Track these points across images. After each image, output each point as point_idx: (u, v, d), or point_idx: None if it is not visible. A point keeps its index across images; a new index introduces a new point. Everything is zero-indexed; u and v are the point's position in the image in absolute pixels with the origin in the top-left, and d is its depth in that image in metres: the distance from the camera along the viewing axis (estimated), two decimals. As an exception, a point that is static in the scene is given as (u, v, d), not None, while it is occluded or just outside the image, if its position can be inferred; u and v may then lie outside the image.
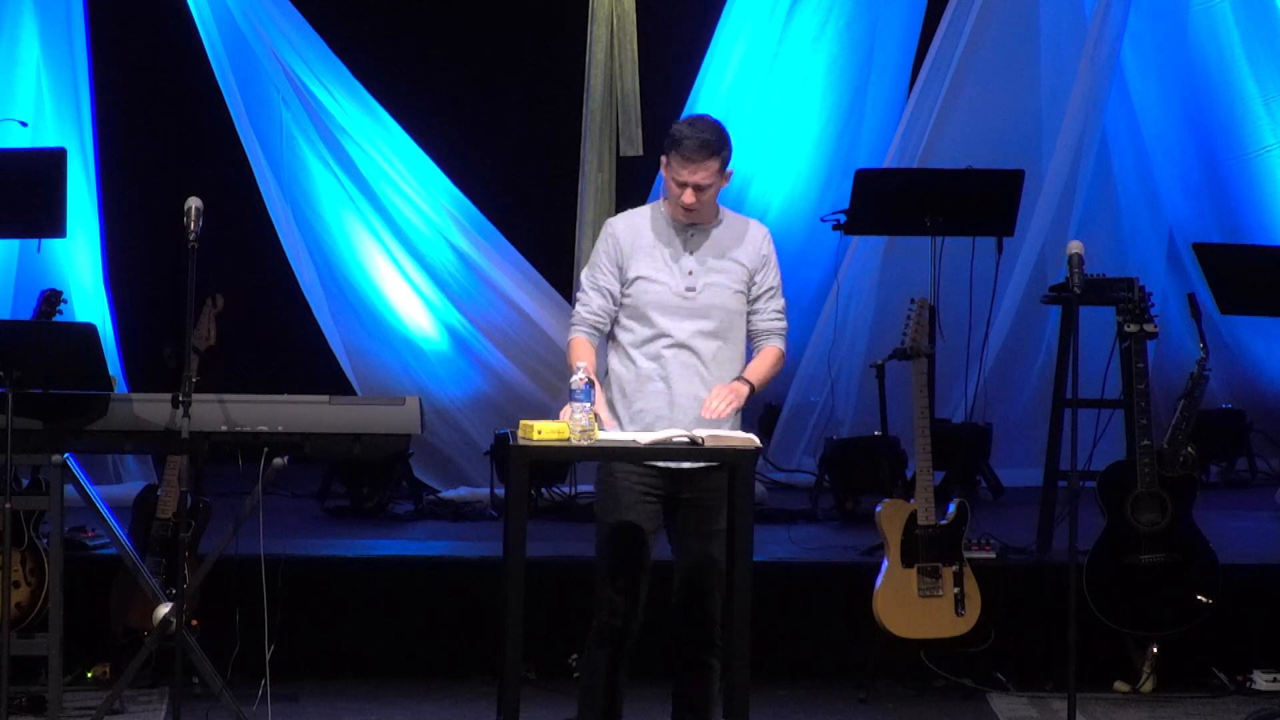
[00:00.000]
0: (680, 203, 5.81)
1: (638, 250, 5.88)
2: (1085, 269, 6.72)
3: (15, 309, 8.98)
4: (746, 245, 5.92)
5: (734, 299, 5.88)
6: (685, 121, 5.85)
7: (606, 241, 5.92)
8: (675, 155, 5.79)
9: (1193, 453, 7.67)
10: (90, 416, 6.36)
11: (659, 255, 5.87)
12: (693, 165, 5.77)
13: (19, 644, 6.52)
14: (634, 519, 5.82)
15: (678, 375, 5.83)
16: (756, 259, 5.92)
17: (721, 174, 5.84)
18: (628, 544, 5.82)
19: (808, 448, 9.90)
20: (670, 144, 5.81)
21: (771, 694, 7.30)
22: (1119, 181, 10.18)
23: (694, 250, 5.88)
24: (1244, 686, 7.46)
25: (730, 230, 5.93)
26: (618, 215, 6.04)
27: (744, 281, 5.89)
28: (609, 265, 5.90)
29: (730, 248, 5.89)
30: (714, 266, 5.87)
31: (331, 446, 6.47)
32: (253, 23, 9.33)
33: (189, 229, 6.25)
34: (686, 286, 5.84)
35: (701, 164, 5.77)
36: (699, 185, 5.79)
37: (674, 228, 5.90)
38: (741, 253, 5.90)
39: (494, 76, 10.48)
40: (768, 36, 10.15)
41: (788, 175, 10.31)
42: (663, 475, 5.84)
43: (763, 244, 5.94)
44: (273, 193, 9.37)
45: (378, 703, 7.26)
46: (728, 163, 5.85)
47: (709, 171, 5.78)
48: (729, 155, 5.85)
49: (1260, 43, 10.03)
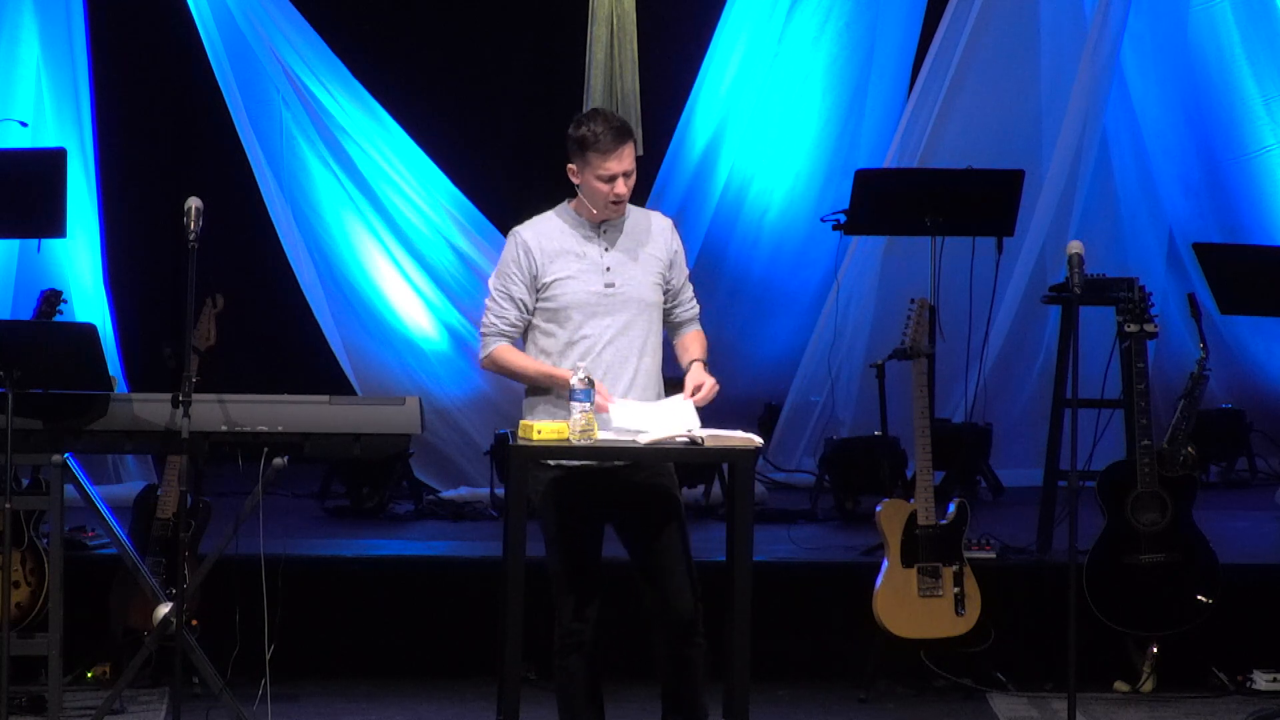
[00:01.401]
0: (613, 196, 5.82)
1: (551, 254, 5.88)
2: (1085, 269, 6.72)
3: (15, 309, 8.98)
4: (657, 238, 5.95)
5: (653, 291, 5.92)
6: (585, 118, 5.86)
7: (515, 250, 5.92)
8: (594, 153, 5.79)
9: (1193, 453, 7.67)
10: (90, 416, 6.36)
11: (575, 255, 5.87)
12: (617, 154, 5.80)
13: (19, 644, 6.52)
14: (575, 520, 5.80)
15: (605, 372, 5.81)
16: (669, 251, 5.97)
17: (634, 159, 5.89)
18: (577, 546, 5.81)
19: (808, 448, 9.90)
20: (583, 145, 5.80)
21: (771, 694, 7.30)
22: (1119, 181, 10.18)
23: (609, 246, 5.89)
24: (1244, 686, 7.45)
25: (638, 224, 5.95)
26: (523, 224, 6.02)
27: (659, 273, 5.93)
28: (520, 274, 5.89)
29: (643, 241, 5.92)
30: (630, 261, 5.89)
31: (331, 446, 6.47)
32: (253, 23, 9.33)
33: (189, 229, 6.25)
34: (606, 283, 5.84)
35: (623, 149, 5.80)
36: (628, 172, 5.83)
37: (585, 227, 5.90)
38: (654, 246, 5.94)
39: (494, 76, 10.48)
40: (768, 36, 10.16)
41: (788, 175, 10.32)
42: (599, 472, 5.81)
43: (671, 237, 5.99)
44: (273, 193, 9.37)
45: (378, 703, 7.26)
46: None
47: (630, 155, 5.83)
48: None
49: (1260, 43, 10.03)
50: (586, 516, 5.83)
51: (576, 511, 5.81)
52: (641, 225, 5.95)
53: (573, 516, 5.81)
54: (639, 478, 5.84)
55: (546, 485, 5.81)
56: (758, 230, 10.38)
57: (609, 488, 5.83)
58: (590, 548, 5.85)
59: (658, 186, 10.24)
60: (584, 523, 5.83)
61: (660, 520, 5.84)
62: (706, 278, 10.37)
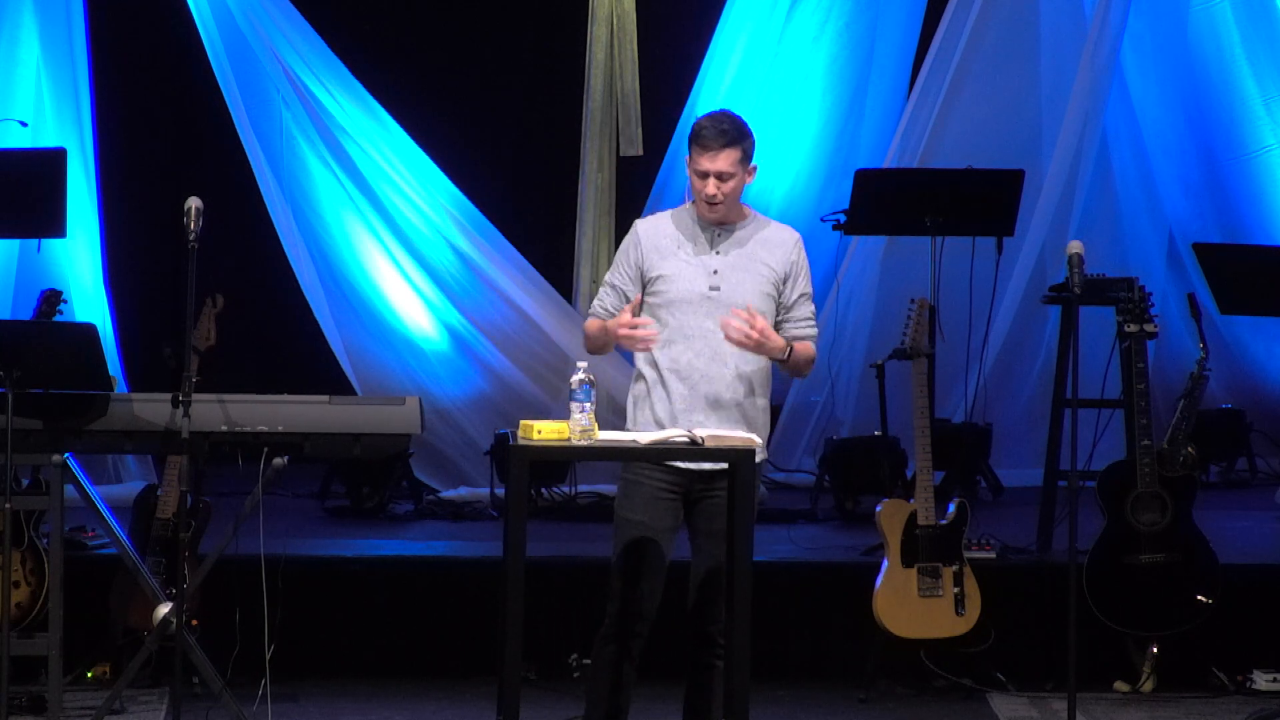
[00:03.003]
0: (704, 195, 5.80)
1: (660, 249, 5.85)
2: (1085, 269, 6.72)
3: (15, 309, 8.98)
4: (776, 249, 5.88)
5: (760, 299, 5.81)
6: (707, 115, 5.89)
7: (629, 241, 5.92)
8: (695, 147, 5.80)
9: (1193, 453, 7.67)
10: (90, 416, 6.36)
11: (682, 253, 5.85)
12: (711, 153, 5.78)
13: (19, 644, 6.52)
14: (646, 517, 5.81)
15: (702, 372, 5.79)
16: (786, 264, 5.87)
17: (744, 166, 5.84)
18: (640, 541, 5.81)
19: (808, 448, 9.90)
20: (691, 138, 5.82)
21: (771, 694, 7.30)
22: (1119, 181, 10.18)
23: (719, 249, 5.85)
24: (1244, 686, 7.46)
25: (759, 231, 5.90)
26: (646, 217, 6.01)
27: (773, 284, 5.84)
28: (627, 265, 5.89)
29: (758, 248, 5.86)
30: (739, 265, 5.83)
31: (331, 446, 6.47)
32: (253, 23, 9.33)
33: (189, 229, 6.25)
34: (710, 285, 5.81)
35: (720, 152, 5.77)
36: (720, 174, 5.78)
37: (699, 227, 5.87)
38: (771, 255, 5.86)
39: (494, 76, 10.48)
40: (768, 36, 10.16)
41: (788, 175, 10.31)
42: (681, 474, 5.81)
43: (793, 249, 5.89)
44: (273, 193, 9.37)
45: (378, 703, 7.26)
46: (750, 156, 5.86)
47: (729, 160, 5.78)
48: (751, 148, 5.87)
49: (1260, 43, 10.03)
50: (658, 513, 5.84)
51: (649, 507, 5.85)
52: (762, 234, 5.88)
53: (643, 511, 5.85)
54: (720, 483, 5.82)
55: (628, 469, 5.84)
56: (758, 230, 10.36)
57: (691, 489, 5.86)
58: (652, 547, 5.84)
59: (657, 186, 10.24)
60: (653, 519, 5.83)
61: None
62: (706, 278, 10.37)
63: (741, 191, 5.88)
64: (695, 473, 5.81)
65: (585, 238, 9.55)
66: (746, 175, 5.87)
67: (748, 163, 5.86)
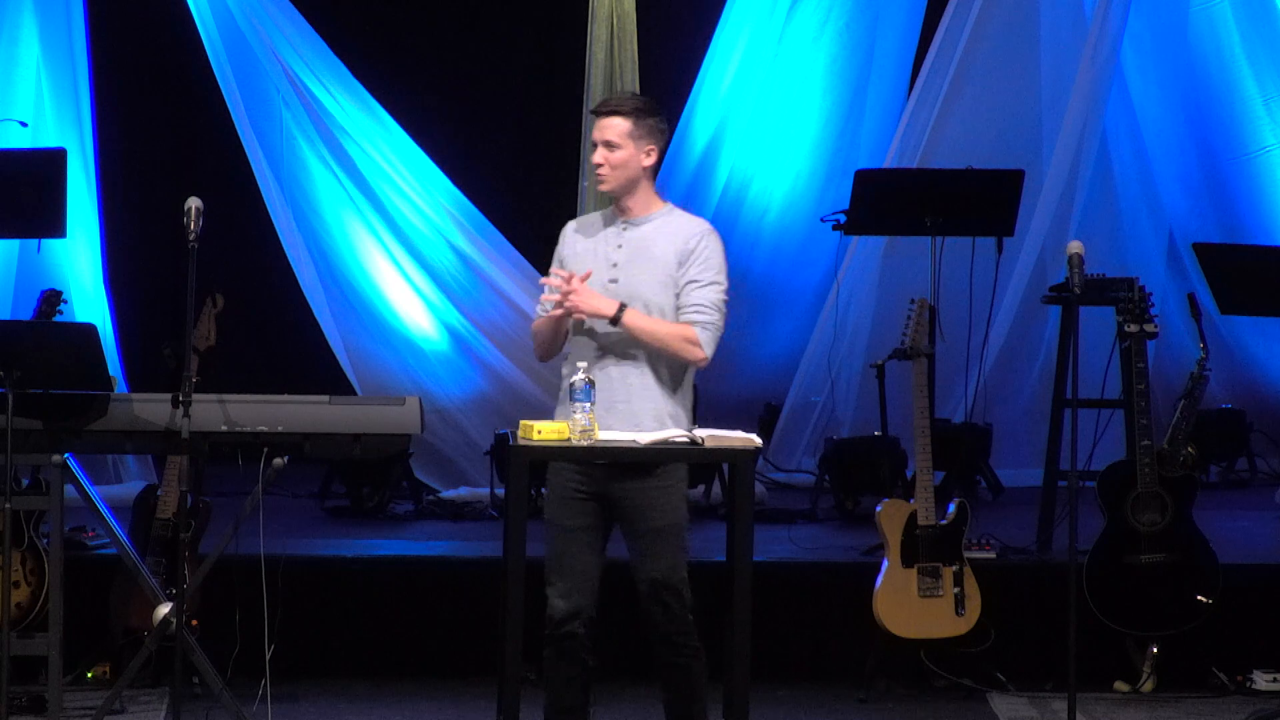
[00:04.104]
0: (590, 163, 5.83)
1: (577, 244, 5.88)
2: (1085, 269, 6.72)
3: (15, 309, 8.98)
4: (676, 238, 5.80)
5: (657, 289, 5.76)
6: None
7: (560, 239, 5.97)
8: (595, 116, 5.83)
9: (1193, 453, 7.69)
10: (90, 416, 6.36)
11: (592, 248, 5.85)
12: (598, 122, 5.79)
13: (19, 644, 6.51)
14: (559, 516, 5.78)
15: (605, 367, 5.77)
16: (682, 252, 5.77)
17: (638, 144, 5.78)
18: (563, 543, 5.78)
19: (808, 448, 9.90)
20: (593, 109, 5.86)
21: (771, 694, 7.30)
22: (1119, 181, 10.18)
23: (622, 241, 5.83)
24: (1244, 686, 7.45)
25: (666, 224, 5.84)
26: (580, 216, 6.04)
27: (668, 274, 5.77)
28: (556, 263, 5.92)
29: (659, 239, 5.80)
30: (637, 257, 5.79)
31: (331, 446, 6.47)
32: (253, 23, 9.33)
33: (189, 229, 6.25)
34: (610, 278, 5.79)
35: (606, 120, 5.77)
36: (608, 144, 5.76)
37: (613, 224, 5.87)
38: (669, 244, 5.79)
39: (494, 76, 10.48)
40: (768, 36, 10.16)
41: (788, 175, 10.32)
42: (593, 473, 5.76)
43: (693, 238, 5.79)
44: (273, 193, 9.37)
45: (378, 703, 7.26)
46: (649, 137, 5.78)
47: (617, 131, 5.75)
48: (650, 131, 5.79)
49: (1260, 43, 10.03)
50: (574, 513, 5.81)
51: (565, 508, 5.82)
52: (669, 225, 5.83)
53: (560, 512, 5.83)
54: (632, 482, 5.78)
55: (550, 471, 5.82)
56: (758, 230, 10.38)
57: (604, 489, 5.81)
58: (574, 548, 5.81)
59: (657, 187, 10.18)
60: (569, 520, 5.81)
61: (648, 531, 5.79)
62: (706, 278, 10.37)
63: (636, 170, 5.80)
64: (606, 471, 5.75)
65: (585, 238, 9.54)
66: (643, 155, 5.80)
67: (644, 142, 5.79)
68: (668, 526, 5.77)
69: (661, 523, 5.76)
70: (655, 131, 5.82)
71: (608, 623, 7.59)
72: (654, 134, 5.82)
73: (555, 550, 5.80)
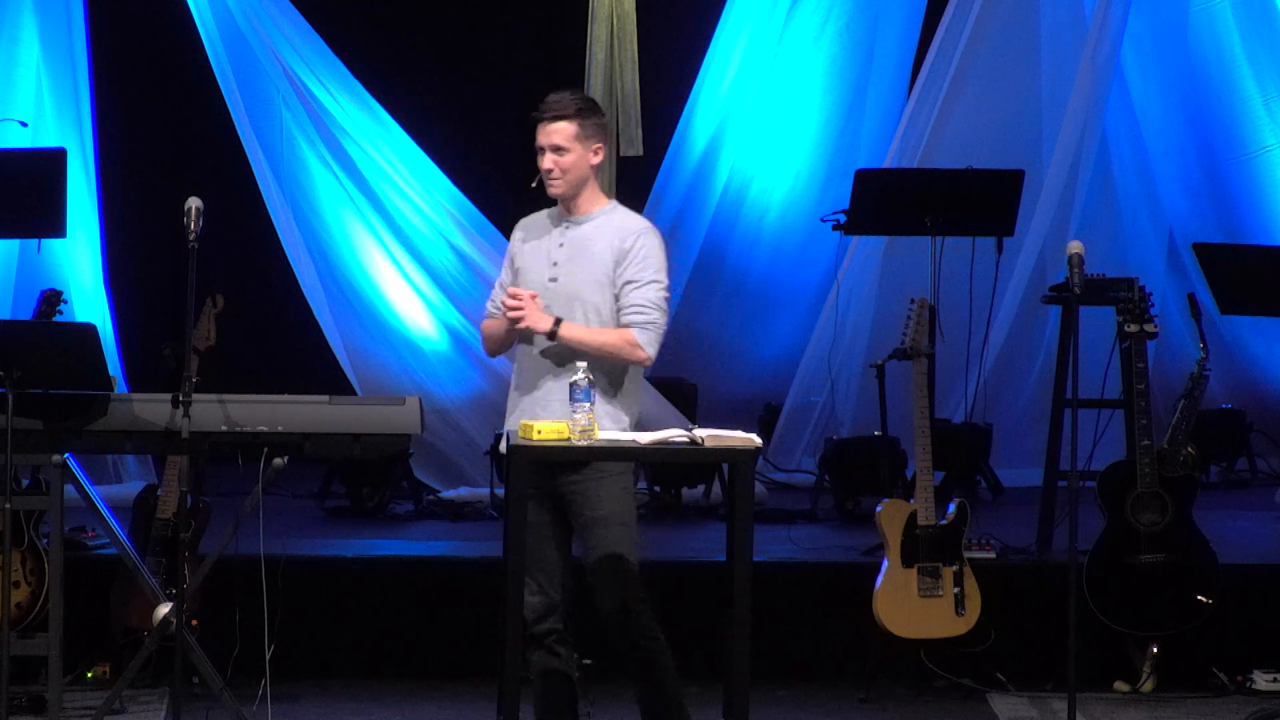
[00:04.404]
0: (541, 169, 5.83)
1: (524, 243, 5.93)
2: (1085, 269, 6.72)
3: (15, 309, 8.98)
4: (614, 236, 5.81)
5: (594, 288, 5.79)
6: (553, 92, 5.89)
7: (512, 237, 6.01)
8: (537, 122, 5.82)
9: (1193, 453, 7.67)
10: (90, 416, 6.36)
11: (536, 247, 5.89)
12: (545, 127, 5.80)
13: (19, 644, 6.51)
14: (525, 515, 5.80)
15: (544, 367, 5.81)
16: (619, 251, 5.78)
17: (585, 144, 5.80)
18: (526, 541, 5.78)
19: (808, 448, 9.90)
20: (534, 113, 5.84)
21: (771, 694, 7.30)
22: (1119, 181, 10.18)
23: (564, 239, 5.85)
24: (1244, 686, 7.45)
25: (607, 223, 5.85)
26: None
27: (605, 273, 5.79)
28: (506, 260, 5.98)
29: (598, 237, 5.82)
30: (576, 255, 5.81)
31: (331, 446, 6.47)
32: (253, 23, 9.33)
33: (189, 229, 6.25)
34: (550, 276, 5.81)
35: (553, 124, 5.78)
36: (556, 148, 5.78)
37: (559, 219, 5.89)
38: (608, 243, 5.80)
39: (494, 76, 10.48)
40: (768, 36, 10.16)
41: (788, 175, 10.32)
42: (541, 472, 5.80)
43: (630, 237, 5.80)
44: (273, 193, 9.37)
45: (378, 703, 7.27)
46: (594, 136, 5.81)
47: (564, 135, 5.78)
48: (594, 129, 5.82)
49: (1260, 43, 10.03)
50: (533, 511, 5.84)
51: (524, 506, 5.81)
52: (609, 224, 5.84)
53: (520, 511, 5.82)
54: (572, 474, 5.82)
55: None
56: (758, 230, 10.38)
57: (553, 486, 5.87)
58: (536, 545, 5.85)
59: (658, 186, 10.24)
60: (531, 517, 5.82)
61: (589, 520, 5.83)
62: (706, 278, 10.38)
63: (585, 170, 5.83)
64: (549, 470, 5.81)
65: (585, 238, 9.53)
66: (590, 155, 5.83)
67: (591, 141, 5.81)
68: (606, 515, 5.80)
69: (600, 511, 5.80)
70: (600, 129, 5.87)
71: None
72: (599, 132, 5.86)
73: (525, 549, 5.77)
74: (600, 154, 5.86)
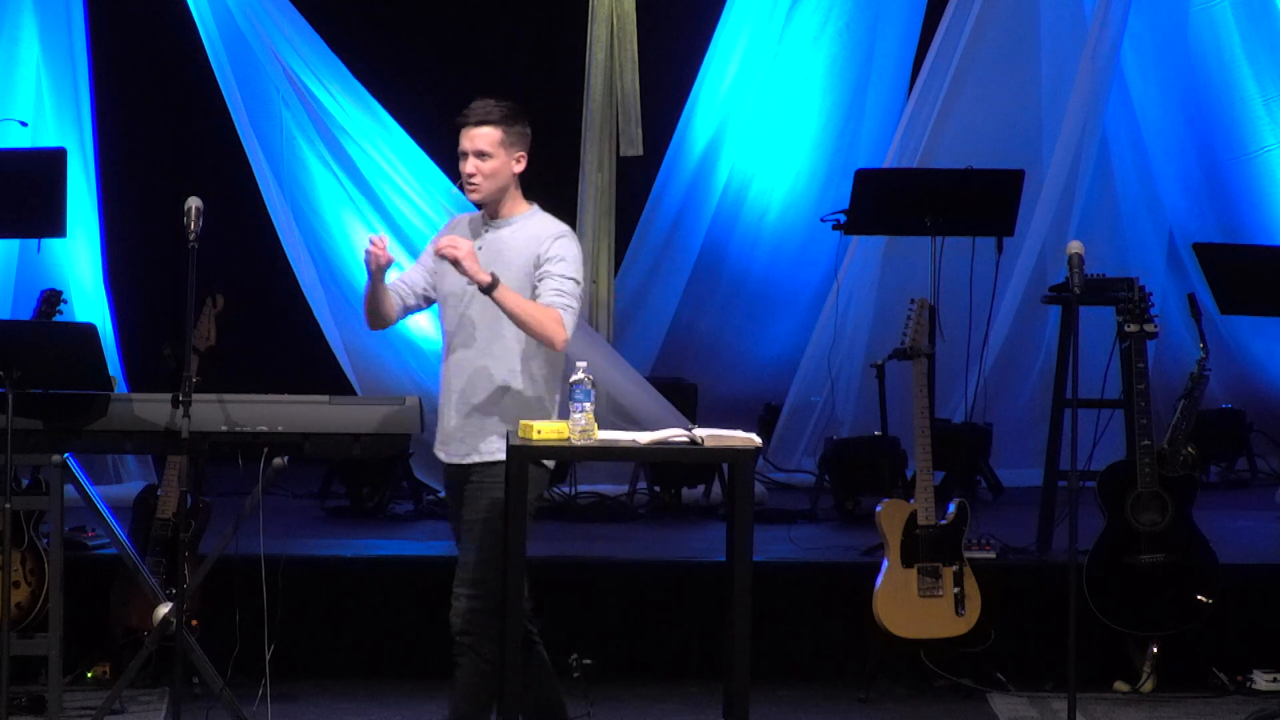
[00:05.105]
0: (462, 174, 5.85)
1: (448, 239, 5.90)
2: (1085, 269, 6.72)
3: (15, 309, 8.98)
4: (531, 241, 5.84)
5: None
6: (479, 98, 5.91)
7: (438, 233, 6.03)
8: (461, 127, 5.86)
9: (1193, 453, 7.67)
10: (90, 416, 6.36)
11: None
12: (469, 132, 5.85)
13: (19, 644, 6.52)
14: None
15: (459, 366, 5.84)
16: (537, 254, 5.80)
17: (509, 151, 5.84)
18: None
19: (808, 448, 9.89)
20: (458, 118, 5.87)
21: (771, 694, 7.30)
22: (1119, 181, 10.18)
23: (482, 244, 5.86)
24: (1244, 686, 7.45)
25: (525, 227, 5.87)
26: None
27: (525, 275, 5.79)
28: (430, 247, 5.99)
29: (515, 241, 5.84)
30: (494, 260, 5.80)
31: (331, 446, 6.47)
32: (253, 23, 9.32)
33: (189, 229, 6.25)
34: (468, 280, 5.79)
35: (476, 129, 5.83)
36: (479, 153, 5.82)
37: (480, 223, 5.93)
38: (525, 247, 5.82)
39: (494, 76, 10.47)
40: (768, 36, 10.16)
41: (788, 175, 10.32)
42: (447, 468, 5.92)
43: (547, 241, 5.83)
44: (273, 193, 9.36)
45: (378, 703, 7.26)
46: (518, 144, 5.85)
47: (488, 140, 5.82)
48: (519, 137, 5.86)
49: (1260, 43, 10.03)
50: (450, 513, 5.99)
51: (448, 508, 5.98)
52: (527, 228, 5.87)
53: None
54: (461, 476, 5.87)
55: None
56: (758, 230, 10.38)
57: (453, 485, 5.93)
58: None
59: (658, 186, 10.24)
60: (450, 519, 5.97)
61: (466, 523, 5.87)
62: (706, 278, 10.38)
63: (507, 177, 5.86)
64: (452, 466, 5.91)
65: (585, 238, 9.53)
66: (513, 162, 5.86)
67: (514, 149, 5.85)
68: (473, 522, 5.84)
69: (470, 518, 5.85)
70: (523, 137, 5.90)
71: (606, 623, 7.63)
72: (523, 140, 5.89)
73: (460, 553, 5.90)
74: (522, 162, 5.89)
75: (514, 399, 5.83)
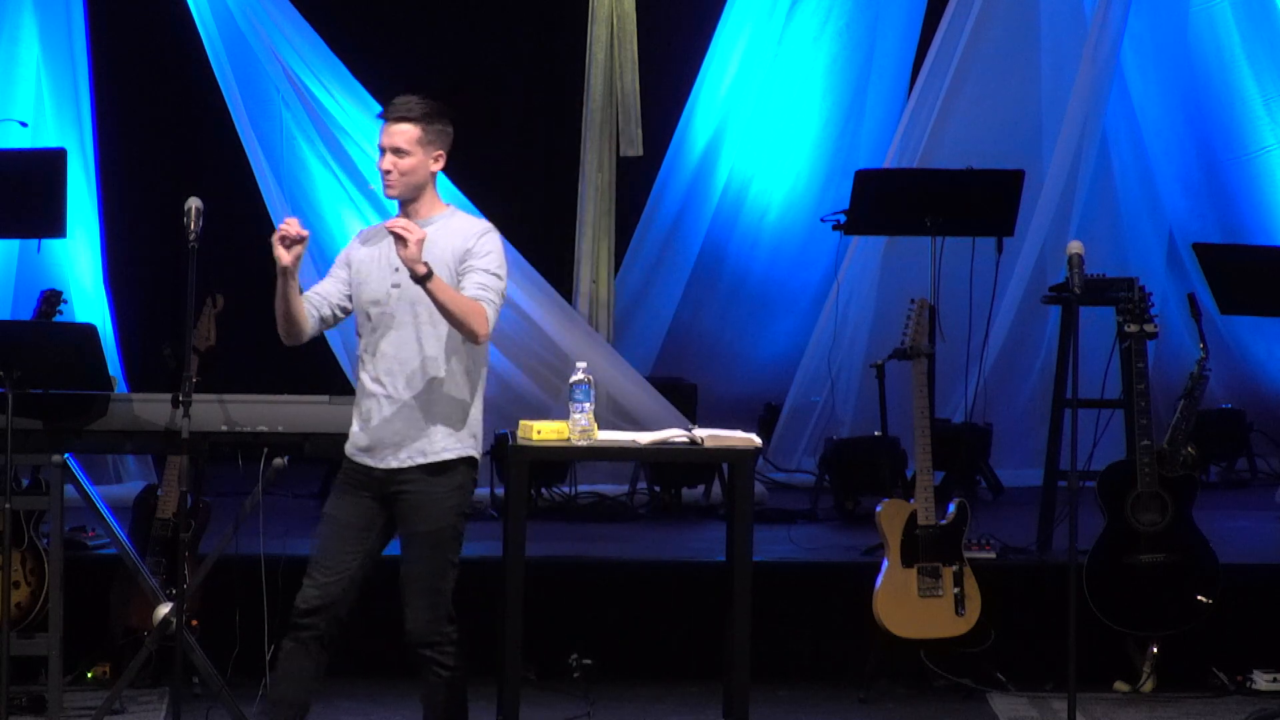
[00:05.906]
0: (379, 169, 5.78)
1: (360, 252, 5.85)
2: (1085, 269, 6.72)
3: (15, 309, 8.98)
4: (454, 237, 5.77)
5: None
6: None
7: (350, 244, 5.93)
8: (383, 122, 5.78)
9: (1193, 453, 7.67)
10: (90, 416, 6.36)
11: (375, 255, 5.81)
12: (388, 128, 5.78)
13: (19, 644, 6.52)
14: (333, 509, 5.76)
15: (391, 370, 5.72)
16: (461, 251, 5.73)
17: (427, 150, 5.79)
18: (329, 535, 5.74)
19: (808, 448, 9.90)
20: (379, 114, 5.82)
21: (771, 694, 7.29)
22: (1119, 181, 10.18)
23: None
24: (1244, 686, 7.45)
25: (447, 226, 5.80)
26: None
27: (449, 275, 5.70)
28: (341, 258, 5.90)
29: (439, 240, 5.74)
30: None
31: (331, 446, 6.46)
32: (253, 23, 9.33)
33: (189, 229, 6.24)
34: (393, 282, 5.74)
35: (395, 126, 5.77)
36: (396, 150, 5.75)
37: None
38: (449, 244, 5.74)
39: (494, 76, 10.47)
40: (768, 36, 10.17)
41: (788, 175, 10.33)
42: (369, 471, 5.76)
43: (471, 237, 5.76)
44: (273, 193, 9.37)
45: (378, 703, 7.26)
46: (438, 143, 5.80)
47: (406, 138, 5.75)
48: (439, 136, 5.81)
49: (1260, 43, 10.03)
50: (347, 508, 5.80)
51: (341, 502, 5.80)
52: (449, 227, 5.79)
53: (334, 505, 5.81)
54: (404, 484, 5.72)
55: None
56: (758, 230, 10.39)
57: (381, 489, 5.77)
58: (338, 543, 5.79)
59: (658, 186, 10.25)
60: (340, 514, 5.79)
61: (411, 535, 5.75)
62: (706, 278, 10.39)
63: (424, 176, 5.81)
64: (380, 471, 5.74)
65: (585, 238, 9.54)
66: (431, 161, 5.81)
67: (433, 148, 5.80)
68: (425, 533, 5.71)
69: (421, 528, 5.71)
70: (443, 136, 5.84)
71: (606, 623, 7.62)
72: (442, 138, 5.83)
73: (322, 543, 5.76)
74: (440, 161, 5.83)
75: (442, 397, 5.68)
